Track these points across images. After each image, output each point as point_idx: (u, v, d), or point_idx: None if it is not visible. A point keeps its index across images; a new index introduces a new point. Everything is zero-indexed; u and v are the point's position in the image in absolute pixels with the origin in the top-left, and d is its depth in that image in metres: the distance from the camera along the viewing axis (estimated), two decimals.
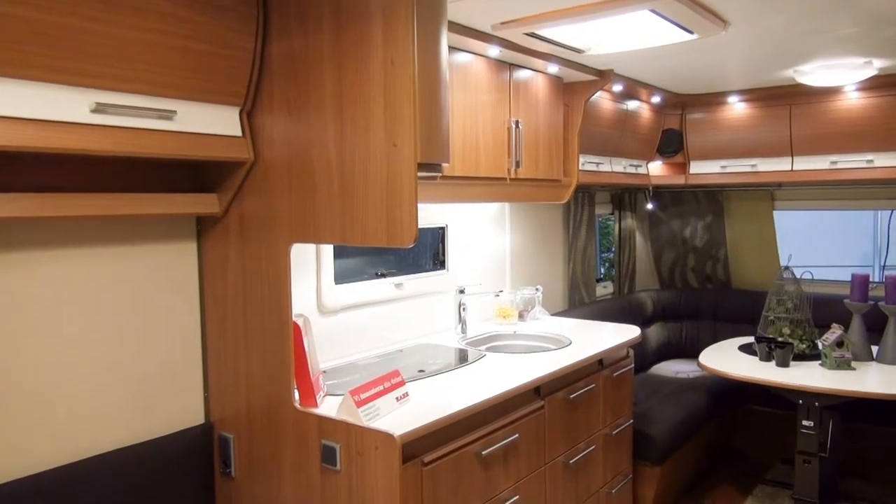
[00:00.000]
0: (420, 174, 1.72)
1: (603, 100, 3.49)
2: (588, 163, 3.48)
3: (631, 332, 3.04)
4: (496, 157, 2.72)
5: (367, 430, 1.78)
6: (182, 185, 2.04)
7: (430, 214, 2.99)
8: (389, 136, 1.69)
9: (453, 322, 3.08)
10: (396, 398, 2.01)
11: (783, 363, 3.17)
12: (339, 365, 2.48)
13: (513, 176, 2.82)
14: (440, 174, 2.01)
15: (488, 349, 2.78)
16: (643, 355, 4.14)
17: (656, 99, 3.85)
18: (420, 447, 1.88)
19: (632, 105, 3.76)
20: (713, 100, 3.90)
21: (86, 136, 1.60)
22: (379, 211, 1.73)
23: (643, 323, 4.14)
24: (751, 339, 3.51)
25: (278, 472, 1.99)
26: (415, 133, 1.65)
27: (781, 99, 3.70)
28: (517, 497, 2.25)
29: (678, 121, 4.07)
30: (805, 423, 3.07)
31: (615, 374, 2.86)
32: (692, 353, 4.30)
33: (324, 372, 2.28)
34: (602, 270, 4.62)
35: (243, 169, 1.98)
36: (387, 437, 1.74)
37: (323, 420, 1.88)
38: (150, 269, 2.04)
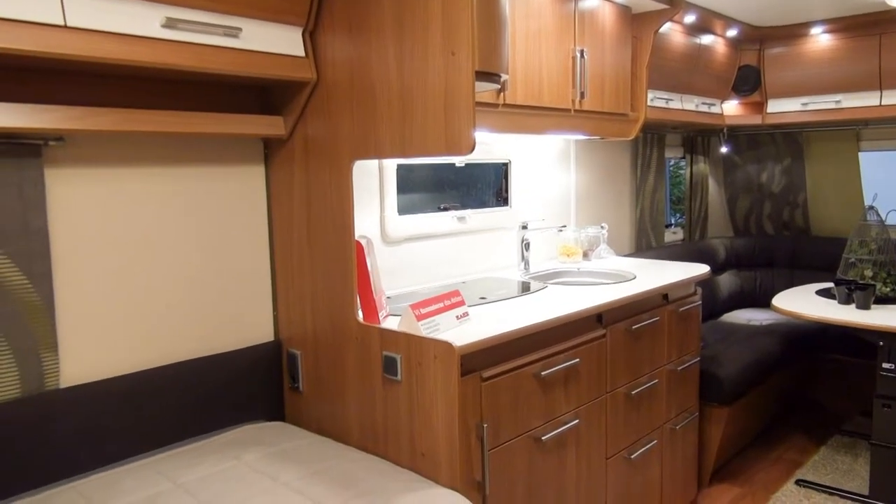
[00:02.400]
0: (479, 84, 1.71)
1: (674, 33, 3.36)
2: (657, 98, 3.38)
3: (699, 268, 2.97)
4: (560, 87, 2.67)
5: (427, 341, 1.82)
6: (249, 109, 2.11)
7: (492, 150, 2.98)
8: (447, 45, 1.69)
9: (516, 258, 3.08)
10: (456, 317, 2.04)
11: (864, 305, 3.02)
12: (401, 293, 2.52)
13: (577, 107, 2.77)
14: (500, 87, 1.99)
15: (551, 283, 2.77)
16: (713, 302, 4.04)
17: (732, 32, 3.68)
18: (479, 362, 1.91)
19: (705, 39, 3.61)
20: (794, 32, 3.69)
21: (159, 51, 1.67)
22: (437, 122, 1.74)
23: (714, 270, 4.03)
24: (829, 285, 3.36)
25: (343, 385, 2.06)
26: (472, 40, 1.64)
27: (870, 28, 3.47)
28: (577, 421, 2.25)
29: (756, 56, 3.88)
30: (885, 365, 2.93)
31: (681, 310, 2.80)
32: (766, 303, 4.16)
33: (388, 298, 2.34)
34: (672, 217, 4.50)
35: (306, 90, 2.02)
36: (446, 346, 1.77)
37: (384, 333, 1.93)
38: (223, 191, 2.13)
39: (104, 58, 1.59)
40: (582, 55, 2.74)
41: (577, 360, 2.23)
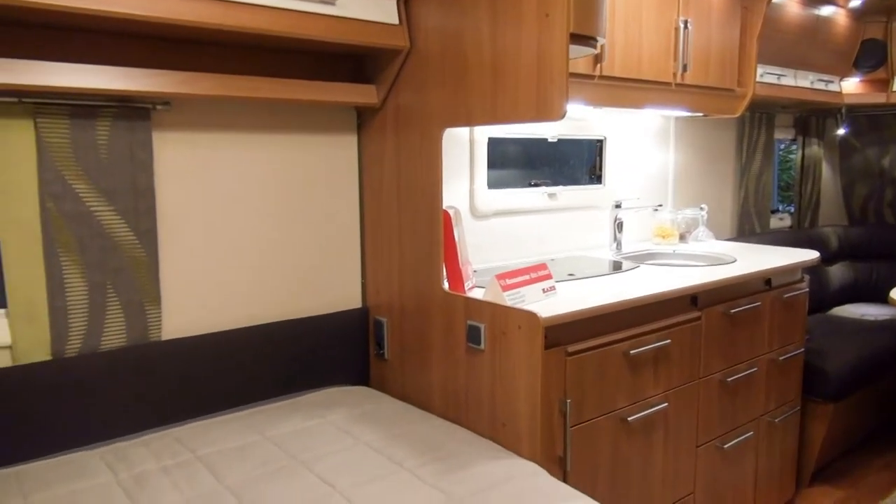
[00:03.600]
0: (574, 48, 1.66)
1: (789, 3, 3.14)
2: (768, 74, 3.18)
3: (806, 254, 2.78)
4: (661, 59, 2.55)
5: (512, 310, 1.79)
6: (343, 78, 2.15)
7: (587, 125, 2.90)
8: (542, 7, 1.64)
9: (607, 238, 2.99)
10: (543, 290, 2.00)
11: None
12: (488, 268, 2.50)
13: (679, 81, 2.64)
14: (596, 51, 1.92)
15: (645, 264, 2.67)
16: (822, 295, 3.78)
17: (855, 3, 3.40)
18: (565, 336, 1.86)
19: (825, 11, 3.35)
20: None
21: (259, 16, 1.72)
22: (529, 87, 1.70)
23: (825, 260, 3.77)
24: None
25: (427, 353, 2.07)
26: (567, 0, 1.59)
27: None
28: (666, 405, 2.16)
29: (882, 29, 3.57)
30: None
31: (785, 297, 2.63)
32: (882, 297, 3.85)
33: (475, 271, 2.33)
34: (779, 204, 4.24)
35: (399, 58, 2.03)
36: (530, 316, 1.74)
37: (469, 301, 1.92)
38: (318, 159, 2.18)
39: (207, 23, 1.65)
40: (686, 26, 2.60)
41: (669, 341, 2.14)
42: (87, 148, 1.74)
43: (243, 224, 2.06)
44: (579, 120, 2.85)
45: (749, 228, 3.72)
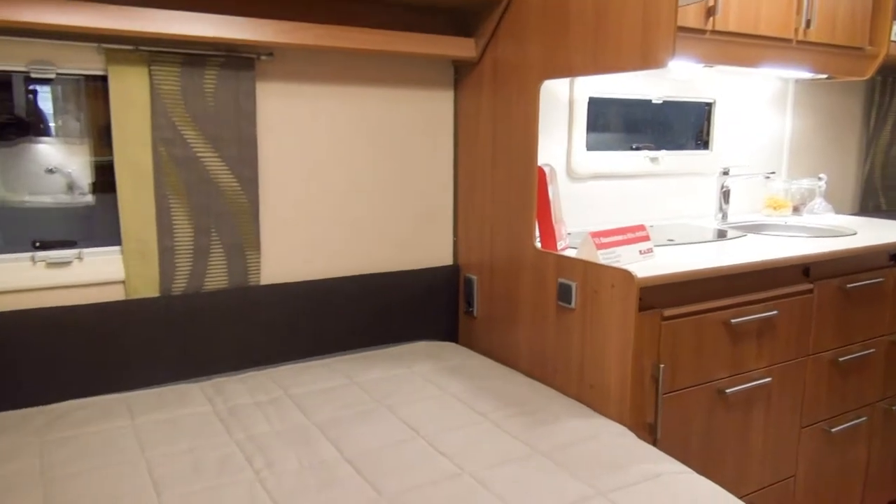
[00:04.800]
0: None
1: None
2: None
3: None
4: (781, 12, 2.37)
5: (605, 268, 1.73)
6: (441, 31, 2.13)
7: (695, 86, 2.74)
8: None
9: (712, 207, 2.84)
10: (640, 251, 1.92)
11: None
12: (583, 231, 2.43)
13: (801, 37, 2.44)
14: (709, 2, 1.80)
15: (752, 234, 2.52)
16: None
17: None
18: (661, 299, 1.78)
19: None
20: None
21: None
22: (633, 33, 1.62)
23: None
24: None
25: (516, 311, 2.05)
26: None
27: None
28: (769, 380, 2.04)
29: None
30: None
31: None
32: None
33: (569, 234, 2.27)
34: None
35: (499, 10, 1.98)
36: (624, 274, 1.68)
37: (561, 259, 1.87)
38: (414, 113, 2.18)
39: None
40: None
41: (776, 312, 2.00)
42: (195, 96, 1.82)
43: (339, 176, 2.10)
44: (687, 81, 2.70)
45: (874, 205, 3.42)
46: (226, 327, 1.93)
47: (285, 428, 1.56)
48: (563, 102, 2.43)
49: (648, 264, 1.85)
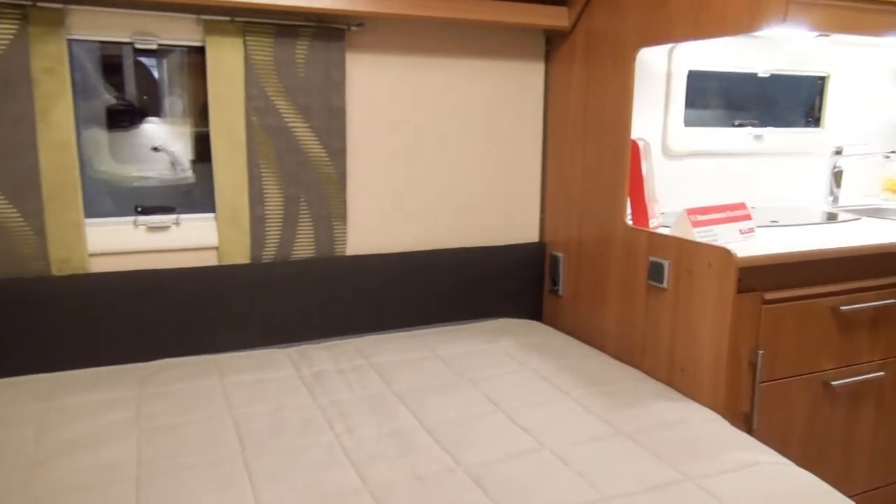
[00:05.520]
0: None
1: None
2: None
3: None
4: None
5: (701, 246, 1.63)
6: (533, 1, 2.06)
7: (807, 59, 2.55)
8: None
9: (822, 189, 2.64)
10: (740, 231, 1.81)
11: None
12: (678, 212, 2.32)
13: None
14: None
15: (867, 218, 2.32)
16: None
17: None
18: (762, 281, 1.67)
19: None
20: None
21: None
22: None
23: None
24: None
25: (603, 291, 1.98)
26: None
27: None
28: (883, 374, 1.87)
29: None
30: None
31: None
32: None
33: (663, 213, 2.17)
34: None
35: None
36: (723, 253, 1.58)
37: (653, 237, 1.78)
38: (503, 86, 2.14)
39: None
40: None
41: (893, 301, 1.84)
42: (287, 66, 1.84)
43: (426, 149, 2.08)
44: (798, 52, 2.52)
45: None
46: (311, 296, 1.96)
47: (366, 395, 1.57)
48: (659, 75, 2.31)
49: (749, 245, 1.73)
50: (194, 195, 1.93)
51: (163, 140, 1.89)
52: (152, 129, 1.88)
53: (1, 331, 1.66)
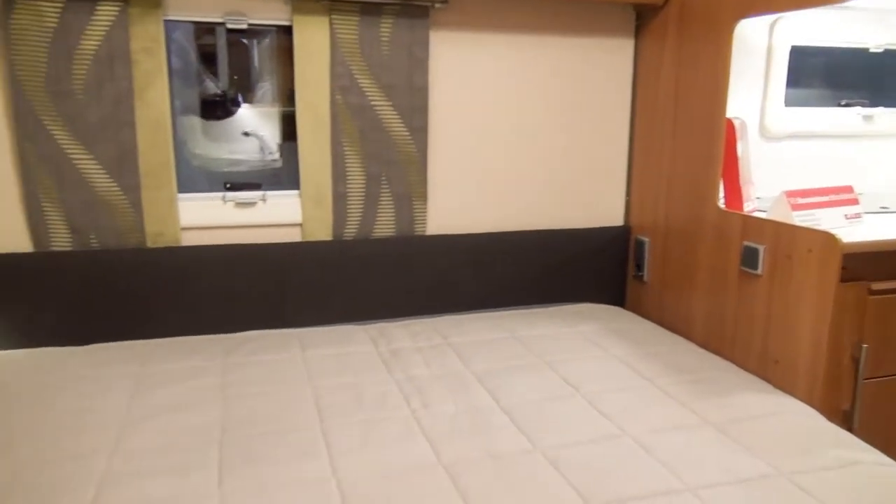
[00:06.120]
0: None
1: None
2: None
3: None
4: None
5: (801, 230, 1.53)
6: None
7: None
8: None
9: None
10: (845, 216, 1.69)
11: None
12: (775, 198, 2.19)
13: None
14: None
15: None
16: None
17: None
18: (869, 270, 1.55)
19: None
20: None
21: None
22: None
23: None
24: None
25: (691, 277, 1.89)
26: None
27: None
28: None
29: None
30: None
31: None
32: None
33: (758, 198, 2.05)
34: None
35: None
36: (826, 238, 1.47)
37: (748, 220, 1.68)
38: (590, 64, 2.07)
39: None
40: None
41: None
42: (371, 44, 1.85)
43: (509, 128, 2.05)
44: None
45: None
46: (390, 275, 1.97)
47: (444, 373, 1.56)
48: (758, 51, 2.18)
49: (855, 230, 1.61)
50: (280, 173, 1.97)
51: (253, 125, 1.94)
52: (243, 114, 1.94)
53: (101, 299, 1.75)
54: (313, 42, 1.82)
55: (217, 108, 1.91)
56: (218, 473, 1.14)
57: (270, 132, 1.96)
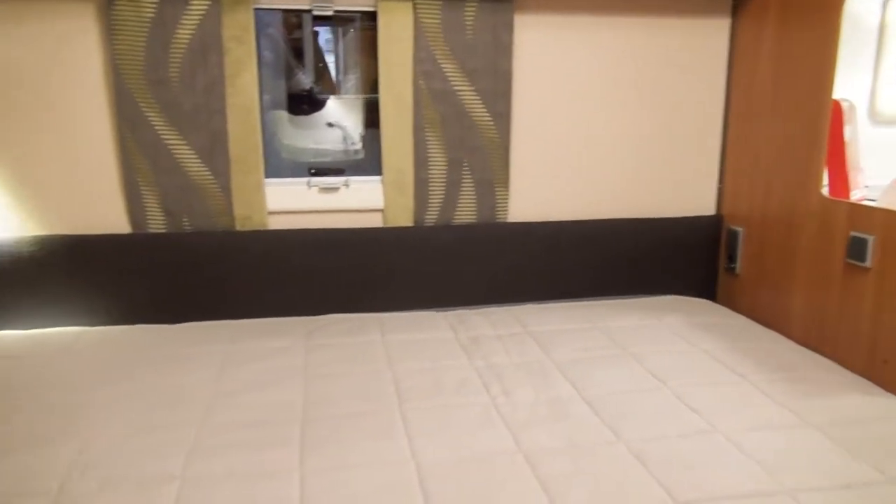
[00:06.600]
0: None
1: None
2: None
3: None
4: None
5: None
6: None
7: None
8: None
9: None
10: None
11: None
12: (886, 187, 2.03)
13: None
14: None
15: None
16: None
17: None
18: None
19: None
20: None
21: None
22: None
23: None
24: None
25: (790, 269, 1.77)
26: None
27: None
28: None
29: None
30: None
31: None
32: None
33: (866, 186, 1.91)
34: None
35: None
36: None
37: (856, 209, 1.56)
38: (682, 45, 1.98)
39: None
40: None
41: None
42: (455, 29, 1.83)
43: (594, 113, 1.98)
44: None
45: None
46: (470, 262, 1.95)
47: (524, 361, 1.53)
48: (868, 28, 2.03)
49: None
50: (363, 161, 1.99)
51: (337, 116, 1.97)
52: (329, 106, 1.97)
53: (192, 279, 1.82)
54: (397, 27, 1.82)
55: (304, 103, 1.95)
56: (299, 450, 1.16)
57: (353, 122, 1.98)
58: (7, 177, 1.75)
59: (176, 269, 1.81)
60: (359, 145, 1.99)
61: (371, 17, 1.88)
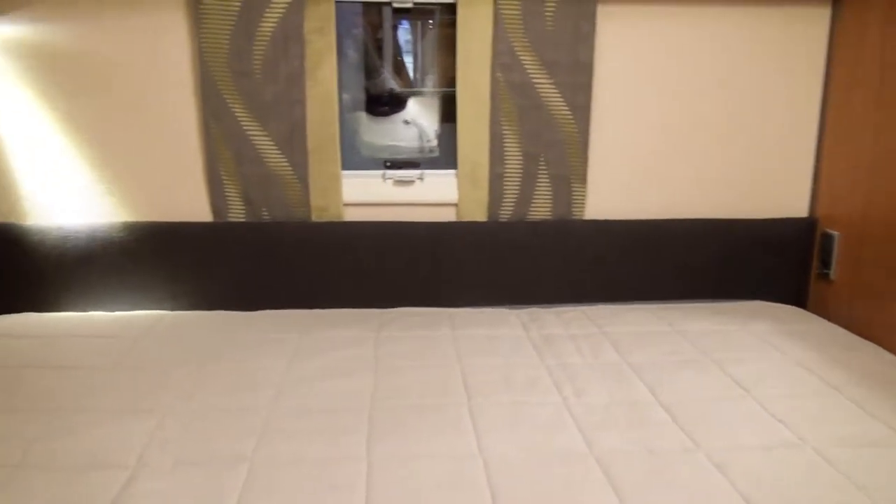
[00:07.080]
0: None
1: None
2: None
3: None
4: None
5: None
6: None
7: None
8: None
9: None
10: None
11: None
12: None
13: None
14: None
15: None
16: None
17: None
18: None
19: None
20: None
21: None
22: None
23: None
24: None
25: (893, 277, 1.64)
26: None
27: None
28: None
29: None
30: None
31: None
32: None
33: None
34: None
35: None
36: None
37: None
38: (774, 36, 1.87)
39: None
40: None
41: None
42: (535, 19, 1.79)
43: (679, 107, 1.90)
44: None
45: None
46: (545, 259, 1.90)
47: (598, 363, 1.48)
48: None
49: None
50: (438, 158, 1.98)
51: (413, 113, 1.97)
52: (406, 105, 1.97)
53: (268, 268, 1.85)
54: (476, 18, 1.80)
55: (384, 104, 1.96)
56: (367, 440, 1.15)
57: (429, 120, 1.97)
58: (102, 165, 1.83)
59: (253, 257, 1.85)
60: (434, 143, 1.98)
61: (450, 9, 1.86)
